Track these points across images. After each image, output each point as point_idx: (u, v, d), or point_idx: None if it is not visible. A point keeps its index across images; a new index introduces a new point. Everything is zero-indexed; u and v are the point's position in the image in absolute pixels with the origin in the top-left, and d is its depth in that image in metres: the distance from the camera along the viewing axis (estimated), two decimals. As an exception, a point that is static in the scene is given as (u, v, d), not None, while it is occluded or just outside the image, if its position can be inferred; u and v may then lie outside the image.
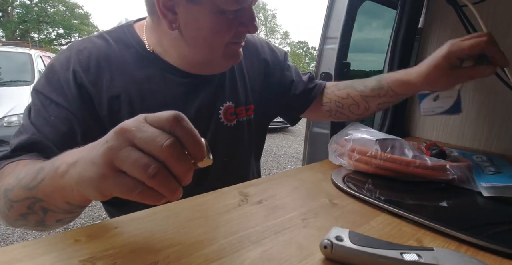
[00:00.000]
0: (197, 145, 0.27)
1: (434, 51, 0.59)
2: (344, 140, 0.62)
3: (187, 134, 0.26)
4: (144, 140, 0.26)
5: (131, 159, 0.25)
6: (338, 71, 0.94)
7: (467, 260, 0.29)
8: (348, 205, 0.45)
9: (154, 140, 0.25)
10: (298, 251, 0.32)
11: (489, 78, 0.88)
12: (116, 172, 0.26)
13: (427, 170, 0.54)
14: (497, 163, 0.69)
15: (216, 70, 0.62)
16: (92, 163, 0.27)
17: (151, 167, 0.25)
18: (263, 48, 0.73)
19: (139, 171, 0.25)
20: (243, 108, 0.67)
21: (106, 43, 0.55)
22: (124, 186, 0.26)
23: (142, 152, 0.26)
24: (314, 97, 0.73)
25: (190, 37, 0.53)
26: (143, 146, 0.26)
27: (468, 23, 0.75)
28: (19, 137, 0.48)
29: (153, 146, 0.25)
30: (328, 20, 0.96)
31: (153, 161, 0.25)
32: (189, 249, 0.31)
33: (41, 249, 0.30)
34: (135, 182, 0.26)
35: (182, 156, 0.26)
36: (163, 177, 0.25)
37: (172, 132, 0.26)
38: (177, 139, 0.26)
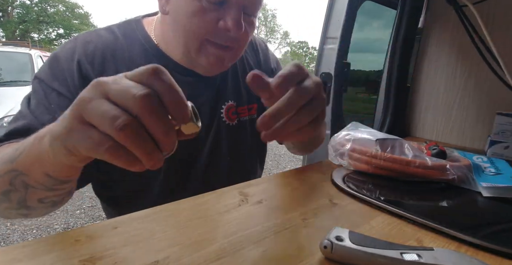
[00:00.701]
0: (179, 103, 0.24)
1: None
2: (344, 140, 0.62)
3: (167, 89, 0.23)
4: (117, 91, 0.23)
5: (100, 110, 0.23)
6: (338, 71, 0.94)
7: (467, 260, 0.29)
8: (348, 205, 0.45)
9: (127, 91, 0.23)
10: (298, 251, 0.32)
11: (489, 78, 0.88)
12: (84, 125, 0.24)
13: (427, 170, 0.54)
14: (497, 164, 0.69)
15: (201, 70, 0.58)
16: (63, 118, 0.25)
17: (120, 119, 0.22)
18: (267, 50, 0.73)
19: (107, 122, 0.22)
20: (245, 107, 0.66)
21: (113, 36, 0.55)
22: (90, 140, 0.23)
23: (114, 105, 0.23)
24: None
25: (172, 21, 0.52)
26: (116, 98, 0.23)
27: (468, 23, 0.75)
28: (15, 123, 0.47)
29: (125, 97, 0.23)
30: (328, 20, 0.96)
31: (124, 113, 0.22)
32: (189, 249, 0.31)
33: (41, 249, 0.30)
34: (103, 137, 0.23)
35: (159, 112, 0.23)
36: (134, 132, 0.22)
37: (151, 87, 0.23)
38: (156, 94, 0.23)
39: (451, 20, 0.96)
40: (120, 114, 0.22)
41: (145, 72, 0.23)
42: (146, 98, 0.22)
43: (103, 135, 0.23)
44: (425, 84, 1.06)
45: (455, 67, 0.98)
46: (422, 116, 1.08)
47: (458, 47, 0.96)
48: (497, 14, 0.86)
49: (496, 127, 0.79)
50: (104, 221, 0.36)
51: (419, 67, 1.07)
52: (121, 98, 0.23)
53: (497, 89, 0.89)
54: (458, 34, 0.95)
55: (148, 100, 0.23)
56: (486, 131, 0.92)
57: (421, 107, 1.08)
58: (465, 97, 0.97)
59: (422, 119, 1.08)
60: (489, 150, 0.80)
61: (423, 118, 1.08)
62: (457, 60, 0.97)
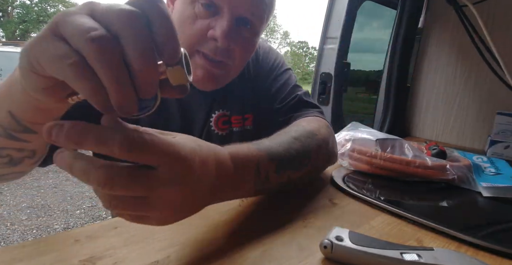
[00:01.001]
0: (169, 32, 0.21)
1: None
2: (344, 140, 0.62)
3: (157, 13, 0.21)
4: (104, 8, 0.20)
5: (76, 22, 0.19)
6: (338, 71, 0.94)
7: (467, 260, 0.29)
8: (348, 205, 0.45)
9: (111, 9, 0.20)
10: (298, 251, 0.32)
11: (489, 78, 0.88)
12: (55, 36, 0.20)
13: (427, 170, 0.54)
14: (497, 164, 0.69)
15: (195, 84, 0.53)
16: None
17: (97, 31, 0.19)
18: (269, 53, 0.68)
19: (79, 33, 0.19)
20: (240, 117, 0.62)
21: None
22: (55, 51, 0.20)
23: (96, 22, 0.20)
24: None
25: None
26: (101, 15, 0.20)
27: (468, 23, 0.75)
28: None
29: (110, 13, 0.20)
30: (328, 20, 0.96)
31: (102, 28, 0.19)
32: (189, 249, 0.31)
33: (41, 249, 0.30)
34: (70, 50, 0.19)
35: (143, 34, 0.20)
36: (109, 50, 0.19)
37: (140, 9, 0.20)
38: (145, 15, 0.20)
39: (451, 20, 0.96)
40: (98, 27, 0.19)
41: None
42: (132, 16, 0.20)
43: (71, 48, 0.20)
44: (425, 84, 1.06)
45: (455, 67, 0.98)
46: (422, 116, 1.08)
47: (458, 47, 0.96)
48: (497, 14, 0.86)
49: (496, 127, 0.80)
50: (104, 221, 0.36)
51: (419, 67, 1.07)
52: (105, 15, 0.20)
53: (497, 89, 0.89)
54: (458, 34, 0.95)
55: (134, 18, 0.20)
56: (486, 131, 0.92)
57: (421, 107, 1.08)
58: (465, 97, 0.97)
59: (422, 119, 1.08)
60: (489, 150, 0.81)
61: (423, 118, 1.08)
62: (457, 60, 0.97)
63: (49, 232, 2.06)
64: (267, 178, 0.38)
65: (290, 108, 0.61)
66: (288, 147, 0.41)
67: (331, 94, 0.96)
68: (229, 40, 0.46)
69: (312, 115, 0.58)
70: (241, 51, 0.50)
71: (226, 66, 0.50)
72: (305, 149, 0.44)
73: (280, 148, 0.40)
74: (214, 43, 0.47)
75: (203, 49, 0.48)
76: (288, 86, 0.63)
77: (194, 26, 0.47)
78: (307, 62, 30.61)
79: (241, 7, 0.46)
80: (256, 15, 0.48)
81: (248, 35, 0.50)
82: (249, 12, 0.47)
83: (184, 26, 0.47)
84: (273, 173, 0.38)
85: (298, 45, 32.23)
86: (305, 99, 0.62)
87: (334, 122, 0.98)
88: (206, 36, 0.47)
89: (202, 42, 0.47)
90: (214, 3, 0.45)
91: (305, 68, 29.68)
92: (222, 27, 0.45)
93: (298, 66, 30.00)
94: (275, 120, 0.62)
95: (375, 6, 1.07)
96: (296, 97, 0.62)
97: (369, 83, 1.48)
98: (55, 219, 2.22)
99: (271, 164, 0.38)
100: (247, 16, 0.47)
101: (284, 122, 0.60)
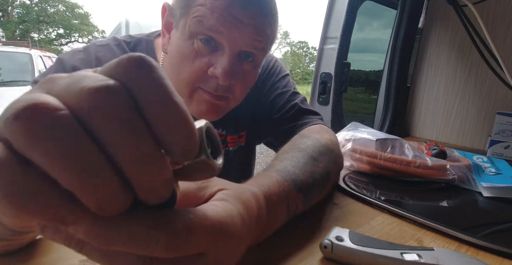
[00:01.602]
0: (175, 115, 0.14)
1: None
2: (345, 140, 0.62)
3: (151, 86, 0.14)
4: (64, 85, 0.14)
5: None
6: (338, 71, 0.94)
7: (468, 260, 0.28)
8: (348, 205, 0.45)
9: (77, 83, 0.13)
10: (298, 251, 0.32)
11: (489, 78, 0.88)
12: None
13: (427, 170, 0.54)
14: (497, 164, 0.69)
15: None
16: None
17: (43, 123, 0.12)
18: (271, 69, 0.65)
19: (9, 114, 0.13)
20: (236, 136, 0.62)
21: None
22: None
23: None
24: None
25: (168, 63, 0.49)
26: (59, 93, 0.13)
27: (468, 23, 0.75)
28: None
29: (71, 91, 0.13)
30: (328, 20, 0.96)
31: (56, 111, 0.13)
32: (189, 249, 0.31)
33: (41, 249, 0.30)
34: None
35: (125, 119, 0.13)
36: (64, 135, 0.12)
37: (125, 83, 0.14)
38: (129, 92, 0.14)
39: (451, 20, 0.96)
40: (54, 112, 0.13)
41: (119, 61, 0.14)
42: (101, 92, 0.13)
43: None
44: (425, 84, 1.06)
45: (455, 67, 0.98)
46: (422, 116, 1.08)
47: (458, 47, 0.96)
48: (497, 14, 0.86)
49: (496, 126, 0.80)
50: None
51: (419, 67, 1.07)
52: (65, 93, 0.13)
53: (497, 89, 0.89)
54: (458, 34, 0.95)
55: (106, 96, 0.13)
56: (486, 131, 0.92)
57: (421, 107, 1.08)
58: (465, 97, 0.97)
59: (422, 119, 1.08)
60: (489, 150, 0.81)
61: (423, 118, 1.08)
62: (457, 60, 0.97)
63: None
64: (295, 212, 0.36)
65: (291, 116, 0.60)
66: (312, 171, 0.40)
67: (331, 94, 0.96)
68: (230, 77, 0.44)
69: (316, 123, 0.58)
70: (241, 85, 0.48)
71: (227, 98, 0.49)
72: (326, 171, 0.43)
73: (305, 175, 0.38)
74: (215, 80, 0.45)
75: (204, 86, 0.46)
76: (286, 94, 0.62)
77: (194, 63, 0.45)
78: (307, 62, 30.62)
79: (242, 43, 0.44)
80: (258, 48, 0.46)
81: (250, 69, 0.48)
82: (251, 46, 0.45)
83: (184, 62, 0.45)
84: (300, 205, 0.37)
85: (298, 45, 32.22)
86: (304, 107, 0.61)
87: (334, 122, 0.98)
88: (207, 74, 0.45)
89: (202, 79, 0.46)
90: (214, 39, 0.43)
91: (305, 68, 29.68)
92: (223, 65, 0.43)
93: (298, 66, 30.00)
94: (276, 129, 0.61)
95: (375, 6, 1.06)
96: (295, 106, 0.60)
97: (369, 83, 1.48)
98: (55, 219, 2.22)
99: (299, 196, 0.36)
100: (248, 50, 0.45)
101: (286, 130, 0.59)
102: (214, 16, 0.41)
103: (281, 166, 0.37)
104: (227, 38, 0.43)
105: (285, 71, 0.67)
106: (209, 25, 0.41)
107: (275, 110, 0.61)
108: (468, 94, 0.96)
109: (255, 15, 0.43)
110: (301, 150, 0.43)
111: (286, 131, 0.59)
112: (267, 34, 0.46)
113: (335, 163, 0.46)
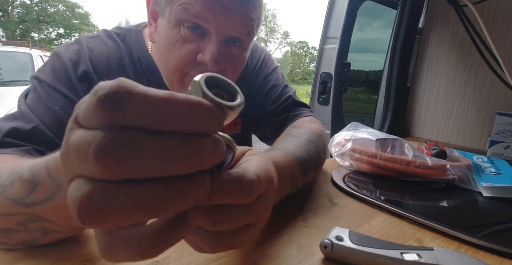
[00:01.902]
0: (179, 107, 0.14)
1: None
2: (345, 140, 0.62)
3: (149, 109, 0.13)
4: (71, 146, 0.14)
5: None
6: (338, 71, 0.94)
7: (468, 260, 0.29)
8: (348, 205, 0.45)
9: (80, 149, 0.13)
10: (298, 251, 0.32)
11: (489, 78, 0.88)
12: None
13: (427, 170, 0.54)
14: (497, 164, 0.69)
15: None
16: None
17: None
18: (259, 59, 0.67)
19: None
20: (231, 122, 0.64)
21: (117, 46, 0.53)
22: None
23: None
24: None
25: (156, 51, 0.50)
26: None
27: (468, 23, 0.75)
28: (13, 122, 0.40)
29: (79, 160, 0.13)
30: (329, 20, 0.96)
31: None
32: (189, 249, 0.31)
33: (41, 249, 0.30)
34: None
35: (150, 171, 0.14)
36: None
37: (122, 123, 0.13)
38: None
39: (451, 20, 0.96)
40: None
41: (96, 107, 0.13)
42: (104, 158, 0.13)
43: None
44: (425, 84, 1.06)
45: (455, 67, 0.98)
46: (422, 116, 1.08)
47: (458, 47, 0.96)
48: (497, 14, 0.86)
49: (496, 127, 0.80)
50: (104, 221, 0.36)
51: (419, 67, 1.07)
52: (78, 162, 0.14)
53: (497, 89, 0.89)
54: (458, 34, 0.95)
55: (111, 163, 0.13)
56: (486, 131, 0.92)
57: (421, 107, 1.08)
58: (465, 97, 0.97)
59: (422, 119, 1.08)
60: (489, 150, 0.81)
61: (423, 118, 1.08)
62: (457, 60, 0.97)
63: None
64: (297, 184, 0.39)
65: (285, 108, 0.63)
66: (307, 149, 0.44)
67: (331, 94, 0.96)
68: (219, 63, 0.45)
69: (307, 115, 0.62)
70: (232, 68, 0.49)
71: None
72: (319, 150, 0.47)
73: (301, 151, 0.42)
74: (204, 66, 0.46)
75: (193, 72, 0.47)
76: (279, 87, 0.65)
77: (182, 50, 0.45)
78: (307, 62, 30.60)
79: (228, 28, 0.44)
80: (245, 32, 0.47)
81: (238, 53, 0.49)
82: (237, 32, 0.46)
83: (172, 50, 0.46)
84: (300, 179, 0.40)
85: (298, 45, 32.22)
86: (297, 99, 0.65)
87: (334, 122, 0.98)
88: (196, 60, 0.46)
89: (191, 65, 0.46)
90: (201, 26, 0.44)
91: (305, 68, 29.68)
92: (211, 51, 0.44)
93: (298, 66, 30.01)
94: (270, 119, 0.64)
95: (376, 6, 1.06)
96: (289, 98, 0.64)
97: (369, 83, 1.48)
98: (55, 219, 2.22)
99: (299, 169, 0.39)
100: (236, 35, 0.46)
101: (279, 121, 0.62)
102: (199, 2, 0.41)
103: (280, 146, 0.41)
104: (214, 25, 0.43)
105: (275, 64, 0.70)
106: (195, 12, 0.42)
107: (269, 102, 0.64)
108: (468, 94, 0.96)
109: (240, 0, 0.43)
110: (295, 136, 0.47)
111: (279, 121, 0.62)
112: (252, 19, 0.46)
113: (324, 146, 0.52)
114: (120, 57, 0.52)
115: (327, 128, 1.00)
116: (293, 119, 0.60)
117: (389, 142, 0.60)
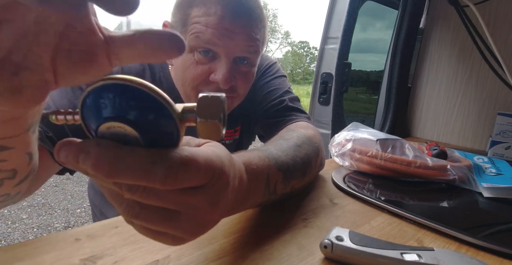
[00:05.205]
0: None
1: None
2: (345, 140, 0.62)
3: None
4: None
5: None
6: (339, 71, 0.94)
7: (468, 261, 0.29)
8: (348, 205, 0.45)
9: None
10: (298, 251, 0.32)
11: (490, 78, 0.88)
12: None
13: (427, 170, 0.54)
14: (498, 164, 0.69)
15: None
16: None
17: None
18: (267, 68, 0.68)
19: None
20: (232, 130, 0.65)
21: (143, 67, 0.57)
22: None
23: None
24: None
25: (174, 73, 0.55)
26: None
27: (469, 24, 0.75)
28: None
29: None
30: (330, 20, 0.96)
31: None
32: (189, 249, 0.31)
33: (41, 248, 0.30)
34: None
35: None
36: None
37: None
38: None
39: (453, 21, 0.96)
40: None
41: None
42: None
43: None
44: (426, 84, 1.06)
45: (456, 67, 0.98)
46: (423, 116, 1.08)
47: (460, 48, 0.96)
48: (498, 15, 0.86)
49: (497, 127, 0.79)
50: (105, 220, 0.36)
51: (420, 67, 1.06)
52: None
53: (498, 89, 0.89)
54: (460, 35, 0.95)
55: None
56: (487, 131, 0.92)
57: (422, 107, 1.08)
58: (466, 97, 0.96)
59: (423, 119, 1.08)
60: (490, 150, 0.80)
61: (424, 118, 1.07)
62: (458, 61, 0.97)
63: (50, 231, 2.06)
64: (275, 190, 0.37)
65: (279, 111, 0.62)
66: (294, 155, 0.42)
67: (332, 94, 0.96)
68: (230, 81, 0.49)
69: (302, 120, 0.60)
70: (242, 84, 0.53)
71: (231, 97, 0.54)
72: (308, 157, 0.45)
73: (287, 157, 0.40)
74: (217, 85, 0.50)
75: (207, 90, 0.51)
76: (280, 91, 0.65)
77: (196, 71, 0.50)
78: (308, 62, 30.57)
79: (236, 49, 0.49)
80: (251, 52, 0.50)
81: (246, 69, 0.53)
82: (244, 52, 0.50)
83: (187, 71, 0.50)
84: (280, 184, 0.38)
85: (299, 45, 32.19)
86: (291, 104, 0.63)
87: (335, 122, 0.98)
88: (209, 79, 0.50)
89: (205, 84, 0.51)
90: (212, 50, 0.48)
91: (306, 68, 29.65)
92: (222, 71, 0.49)
93: (299, 66, 29.97)
94: (263, 121, 0.64)
95: (377, 6, 1.06)
96: (284, 102, 0.62)
97: (370, 83, 1.48)
98: (56, 218, 2.23)
99: (279, 174, 0.38)
100: (243, 55, 0.50)
101: (274, 124, 0.61)
102: (209, 31, 0.47)
103: (264, 148, 0.40)
104: (223, 48, 0.48)
105: (283, 73, 0.69)
106: (206, 39, 0.47)
107: (265, 103, 0.64)
108: (469, 95, 0.95)
109: (244, 24, 0.48)
110: (286, 139, 0.46)
111: (273, 124, 0.61)
112: (257, 39, 0.50)
113: (317, 154, 0.48)
114: (143, 76, 0.55)
115: (328, 128, 1.00)
116: (287, 123, 0.60)
117: (389, 142, 0.60)
